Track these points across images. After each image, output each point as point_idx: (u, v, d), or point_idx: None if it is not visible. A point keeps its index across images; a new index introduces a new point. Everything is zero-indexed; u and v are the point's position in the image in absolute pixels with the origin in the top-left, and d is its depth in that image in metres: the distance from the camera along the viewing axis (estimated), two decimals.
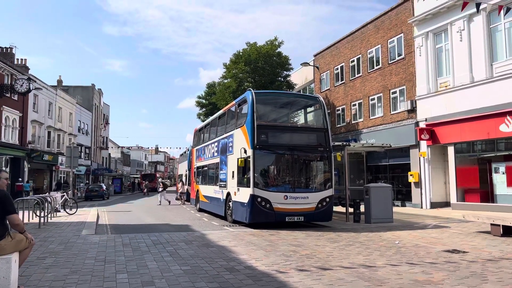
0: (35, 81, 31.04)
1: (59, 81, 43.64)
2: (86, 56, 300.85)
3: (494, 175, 16.58)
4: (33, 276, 6.03)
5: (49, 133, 35.46)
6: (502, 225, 9.86)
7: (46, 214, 13.61)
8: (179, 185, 28.00)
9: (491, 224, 10.20)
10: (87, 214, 17.21)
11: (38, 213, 13.54)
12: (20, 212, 12.83)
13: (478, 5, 10.49)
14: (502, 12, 11.21)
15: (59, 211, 17.30)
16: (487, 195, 16.78)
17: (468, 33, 17.46)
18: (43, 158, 33.28)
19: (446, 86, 18.64)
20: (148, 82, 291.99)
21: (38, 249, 8.27)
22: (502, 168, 16.30)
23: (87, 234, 10.74)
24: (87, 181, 46.65)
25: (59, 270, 6.42)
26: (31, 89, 28.45)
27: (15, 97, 29.00)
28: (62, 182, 36.71)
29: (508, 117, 15.44)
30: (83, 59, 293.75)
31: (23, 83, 27.43)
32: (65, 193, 19.41)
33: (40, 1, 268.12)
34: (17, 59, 33.07)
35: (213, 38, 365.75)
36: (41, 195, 17.39)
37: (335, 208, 13.69)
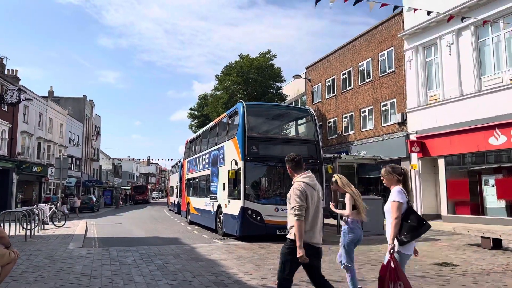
0: (26, 92, 30.80)
1: (50, 92, 43.35)
2: (80, 68, 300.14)
3: (484, 188, 16.67)
4: None
5: (39, 144, 35.08)
6: (492, 238, 9.86)
7: (33, 226, 13.38)
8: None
9: (481, 237, 10.20)
10: (76, 226, 16.95)
11: (25, 226, 13.29)
12: (7, 225, 12.60)
13: (463, 18, 10.68)
14: (489, 26, 11.42)
15: (47, 224, 17.03)
16: (478, 207, 16.84)
17: (457, 47, 17.71)
18: (33, 170, 32.85)
19: (436, 99, 18.82)
20: (142, 94, 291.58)
21: (23, 263, 8.08)
22: (492, 181, 16.40)
23: (74, 247, 10.56)
24: (77, 193, 46.11)
25: (43, 285, 6.27)
26: (21, 99, 28.24)
27: (5, 108, 28.71)
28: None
29: (497, 130, 15.59)
30: (77, 71, 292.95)
31: (13, 93, 27.23)
32: (53, 205, 19.13)
33: (35, 13, 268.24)
34: (8, 69, 32.85)
35: (207, 51, 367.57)
36: (28, 207, 17.12)
37: (326, 221, 13.60)
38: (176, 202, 28.70)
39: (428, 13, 9.38)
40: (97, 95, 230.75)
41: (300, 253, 3.89)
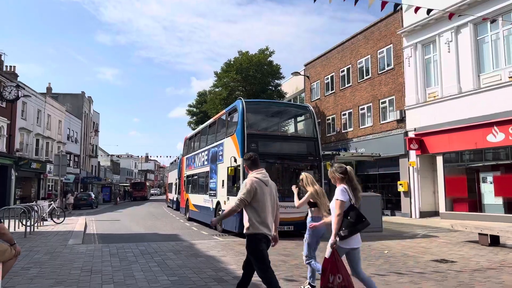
0: (24, 88, 30.73)
1: (49, 89, 43.24)
2: (78, 65, 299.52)
3: (482, 185, 16.75)
4: (17, 287, 5.92)
5: (37, 140, 35.04)
6: (490, 235, 9.94)
7: (32, 223, 13.40)
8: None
9: (479, 234, 10.27)
10: (75, 223, 16.99)
11: (24, 222, 13.32)
12: (6, 221, 12.62)
13: (460, 14, 10.71)
14: (488, 23, 11.46)
15: (46, 220, 17.06)
16: (475, 204, 16.93)
17: (456, 44, 17.75)
18: (31, 166, 32.84)
19: (434, 97, 18.87)
20: (140, 91, 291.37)
21: (23, 259, 8.12)
22: (489, 178, 16.48)
23: (74, 244, 10.60)
24: (75, 190, 46.11)
25: (43, 281, 6.31)
26: (19, 96, 28.15)
27: (3, 104, 28.67)
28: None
29: (495, 127, 15.66)
30: (74, 68, 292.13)
31: (11, 90, 27.14)
32: (52, 202, 19.15)
33: (32, 10, 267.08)
34: (6, 66, 32.76)
35: (206, 47, 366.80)
36: (28, 203, 17.13)
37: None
38: (175, 199, 28.74)
39: (428, 11, 9.39)
40: (95, 91, 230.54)
41: (215, 221, 4.82)
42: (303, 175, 6.08)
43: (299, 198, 6.14)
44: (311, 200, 5.85)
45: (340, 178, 4.75)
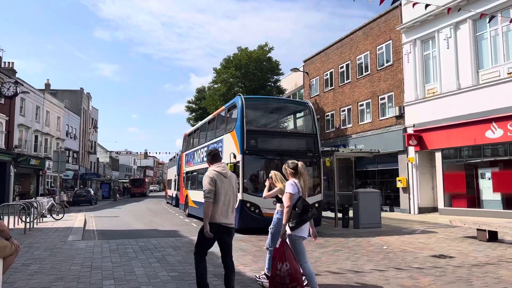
0: (22, 85, 30.68)
1: (47, 85, 43.16)
2: (76, 61, 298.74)
3: (481, 181, 16.81)
4: (17, 283, 5.93)
5: (36, 137, 34.99)
6: (488, 230, 9.98)
7: (32, 219, 13.41)
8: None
9: (477, 229, 10.32)
10: (74, 219, 17.01)
11: (23, 219, 13.33)
12: (5, 218, 12.64)
13: (459, 9, 10.73)
14: (487, 20, 11.47)
15: (46, 217, 17.07)
16: (474, 200, 16.99)
17: (455, 40, 17.75)
18: (30, 163, 32.80)
19: (433, 93, 18.89)
20: (139, 87, 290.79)
21: (23, 255, 8.14)
22: (488, 174, 16.53)
23: (73, 240, 10.62)
24: (75, 186, 46.12)
25: (44, 276, 6.33)
26: (18, 92, 28.13)
27: (2, 101, 28.60)
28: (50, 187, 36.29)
29: (494, 124, 15.69)
30: (73, 64, 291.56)
31: (10, 86, 27.11)
32: (51, 198, 19.16)
33: (31, 6, 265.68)
34: (4, 62, 32.67)
35: (205, 43, 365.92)
36: (27, 200, 17.14)
37: (324, 214, 13.73)
38: (174, 195, 28.77)
39: (426, 7, 9.39)
40: (94, 88, 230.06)
41: (205, 229, 4.66)
42: (272, 173, 6.40)
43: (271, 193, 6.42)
44: (279, 196, 6.10)
45: (292, 173, 5.23)
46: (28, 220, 12.89)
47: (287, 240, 4.90)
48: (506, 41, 15.91)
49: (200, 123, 20.04)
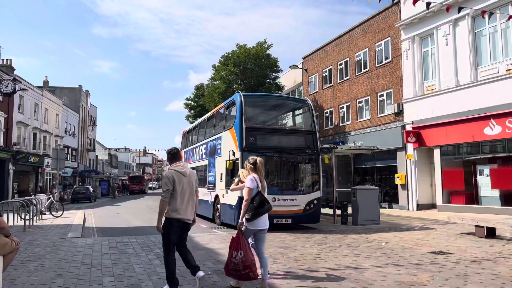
0: (21, 82, 30.60)
1: (46, 82, 43.05)
2: (75, 58, 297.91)
3: (479, 177, 16.86)
4: (17, 280, 5.95)
5: (34, 134, 34.95)
6: (486, 227, 10.03)
7: (31, 217, 13.43)
8: None
9: (475, 226, 10.37)
10: (74, 216, 17.02)
11: (23, 216, 13.35)
12: (5, 215, 12.65)
13: (460, 8, 10.72)
14: (486, 16, 11.48)
15: (45, 214, 17.09)
16: (472, 197, 17.04)
17: (453, 37, 17.75)
18: (29, 160, 32.79)
19: (432, 90, 18.90)
20: (137, 84, 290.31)
21: (23, 252, 8.16)
22: (486, 171, 16.58)
23: (73, 237, 10.64)
24: (74, 183, 46.12)
25: (44, 273, 6.35)
26: (16, 90, 28.06)
27: (0, 98, 28.55)
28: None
29: (492, 120, 15.72)
30: (71, 61, 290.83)
31: (8, 83, 27.04)
32: (51, 196, 19.17)
33: (29, 3, 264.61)
34: (2, 59, 32.60)
35: (203, 40, 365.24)
36: (26, 197, 17.15)
37: (323, 210, 13.77)
38: None
39: (427, 5, 9.39)
40: (93, 85, 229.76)
41: (158, 224, 5.14)
42: (241, 171, 6.61)
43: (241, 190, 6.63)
44: None
45: (251, 168, 5.55)
46: (27, 217, 12.91)
47: (246, 232, 5.36)
48: (505, 38, 15.92)
49: (199, 120, 20.04)
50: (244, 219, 5.31)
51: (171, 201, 5.12)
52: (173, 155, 5.44)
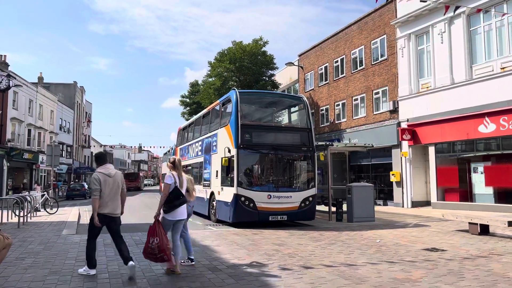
0: (15, 78, 30.40)
1: (40, 78, 42.80)
2: (70, 54, 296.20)
3: (473, 175, 16.96)
4: (11, 277, 5.93)
5: (29, 131, 34.76)
6: (480, 224, 10.11)
7: (25, 213, 13.36)
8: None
9: (469, 223, 10.44)
10: (68, 213, 16.96)
11: (17, 213, 13.27)
12: None
13: (456, 8, 10.74)
14: (481, 14, 11.52)
15: (39, 211, 17.00)
16: (466, 194, 17.15)
17: (449, 35, 17.80)
18: (23, 157, 32.62)
19: (427, 87, 18.97)
20: (133, 80, 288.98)
21: (17, 249, 8.13)
22: (480, 168, 16.69)
23: (68, 234, 10.60)
24: (70, 180, 45.94)
25: (38, 270, 6.33)
26: (10, 86, 27.90)
27: None
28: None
29: (486, 118, 15.81)
30: (67, 57, 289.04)
31: (2, 79, 26.87)
32: (45, 192, 19.08)
33: None
34: None
35: (200, 37, 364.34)
36: (20, 194, 17.06)
37: (318, 207, 13.80)
38: None
39: (422, 1, 9.40)
40: (88, 81, 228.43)
41: (94, 219, 5.91)
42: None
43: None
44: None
45: (170, 166, 6.30)
46: (21, 214, 12.84)
47: (164, 221, 6.07)
48: (500, 36, 15.99)
49: (195, 117, 19.99)
50: (161, 211, 6.06)
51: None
52: (97, 159, 6.34)
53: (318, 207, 13.64)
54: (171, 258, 5.92)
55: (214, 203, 13.73)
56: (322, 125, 27.42)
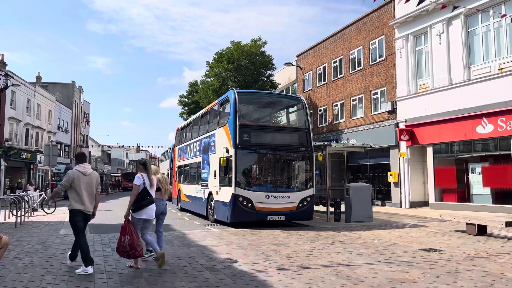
0: (13, 77, 30.29)
1: (38, 78, 42.67)
2: (68, 53, 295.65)
3: (471, 175, 17.00)
4: (8, 276, 5.91)
5: (27, 130, 34.66)
6: (477, 224, 10.12)
7: (23, 213, 13.33)
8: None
9: (467, 224, 10.46)
10: (66, 213, 16.90)
11: (14, 213, 13.25)
12: None
13: (454, 8, 10.79)
14: (479, 15, 11.54)
15: (37, 210, 16.97)
16: (464, 194, 17.19)
17: (447, 36, 17.84)
18: (21, 156, 32.52)
19: (425, 88, 19.00)
20: (131, 80, 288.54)
21: (14, 249, 8.11)
22: (478, 169, 16.72)
23: (65, 234, 10.58)
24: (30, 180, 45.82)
25: (35, 270, 6.31)
26: (8, 85, 27.79)
27: None
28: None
29: (484, 119, 15.85)
30: (65, 56, 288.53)
31: (0, 79, 26.75)
32: (43, 192, 19.04)
33: None
34: None
35: (199, 37, 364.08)
36: (17, 193, 17.01)
37: (316, 208, 13.81)
38: None
39: (419, 2, 9.43)
40: (86, 81, 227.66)
41: (49, 197, 6.22)
42: (152, 167, 7.24)
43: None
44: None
45: (141, 168, 6.59)
46: (19, 214, 12.81)
47: (133, 220, 6.40)
48: (498, 36, 16.03)
49: (193, 117, 19.98)
50: (130, 210, 6.37)
51: (74, 195, 6.18)
52: (77, 158, 6.68)
53: (316, 208, 13.64)
54: (143, 254, 6.36)
55: (212, 203, 13.73)
56: (321, 125, 27.44)
